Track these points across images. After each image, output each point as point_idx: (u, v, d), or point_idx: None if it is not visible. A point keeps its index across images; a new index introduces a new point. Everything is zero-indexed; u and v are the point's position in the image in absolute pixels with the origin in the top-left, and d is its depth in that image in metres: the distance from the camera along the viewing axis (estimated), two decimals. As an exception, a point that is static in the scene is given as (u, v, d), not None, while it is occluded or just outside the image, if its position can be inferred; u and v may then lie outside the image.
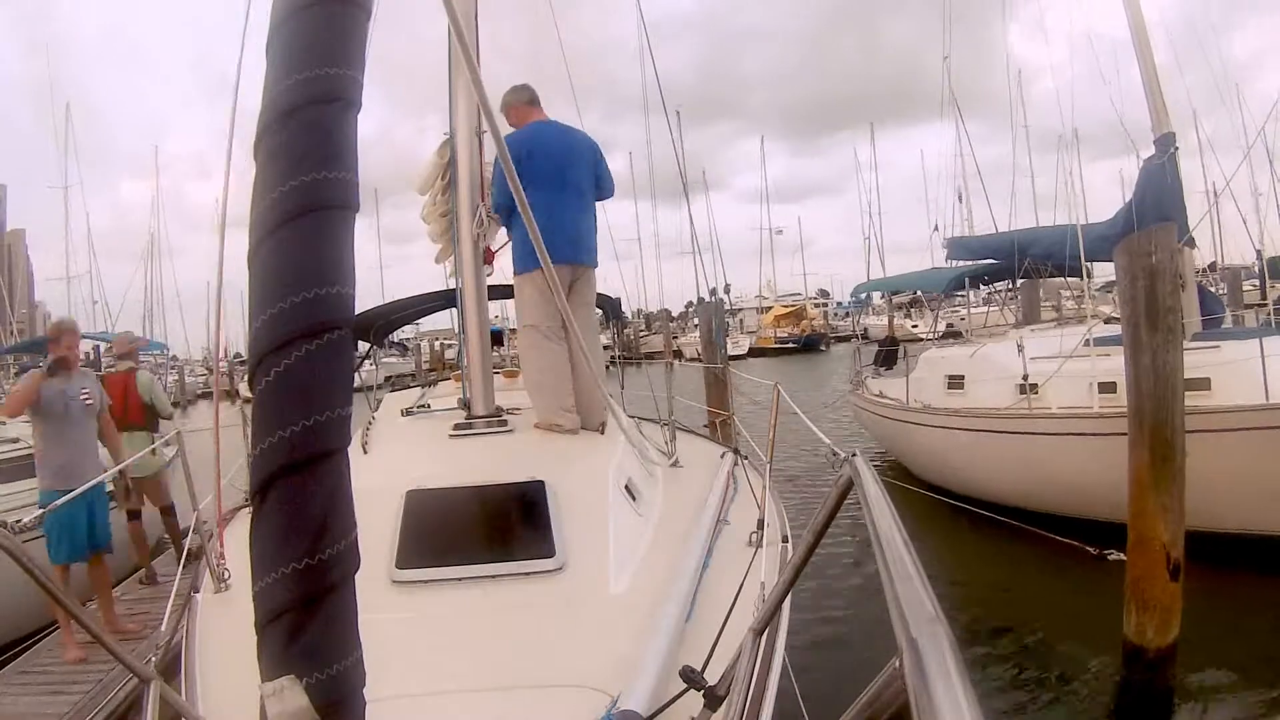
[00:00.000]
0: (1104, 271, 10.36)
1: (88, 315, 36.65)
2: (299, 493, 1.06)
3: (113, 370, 7.16)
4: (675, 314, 64.23)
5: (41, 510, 4.39)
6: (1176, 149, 8.29)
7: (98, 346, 22.91)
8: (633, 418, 4.99)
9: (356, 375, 5.32)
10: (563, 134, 4.24)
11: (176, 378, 32.21)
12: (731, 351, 37.59)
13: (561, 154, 4.13)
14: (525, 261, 4.10)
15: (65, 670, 4.76)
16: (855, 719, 1.09)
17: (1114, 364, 6.75)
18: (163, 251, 42.27)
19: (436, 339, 36.35)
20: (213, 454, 3.24)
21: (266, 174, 1.13)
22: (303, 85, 1.13)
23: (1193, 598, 4.75)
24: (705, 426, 9.90)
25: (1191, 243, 8.52)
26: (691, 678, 1.81)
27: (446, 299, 6.25)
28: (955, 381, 9.72)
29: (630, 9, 5.77)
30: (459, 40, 2.70)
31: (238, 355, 27.78)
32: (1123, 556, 4.90)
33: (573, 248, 4.10)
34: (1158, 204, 8.15)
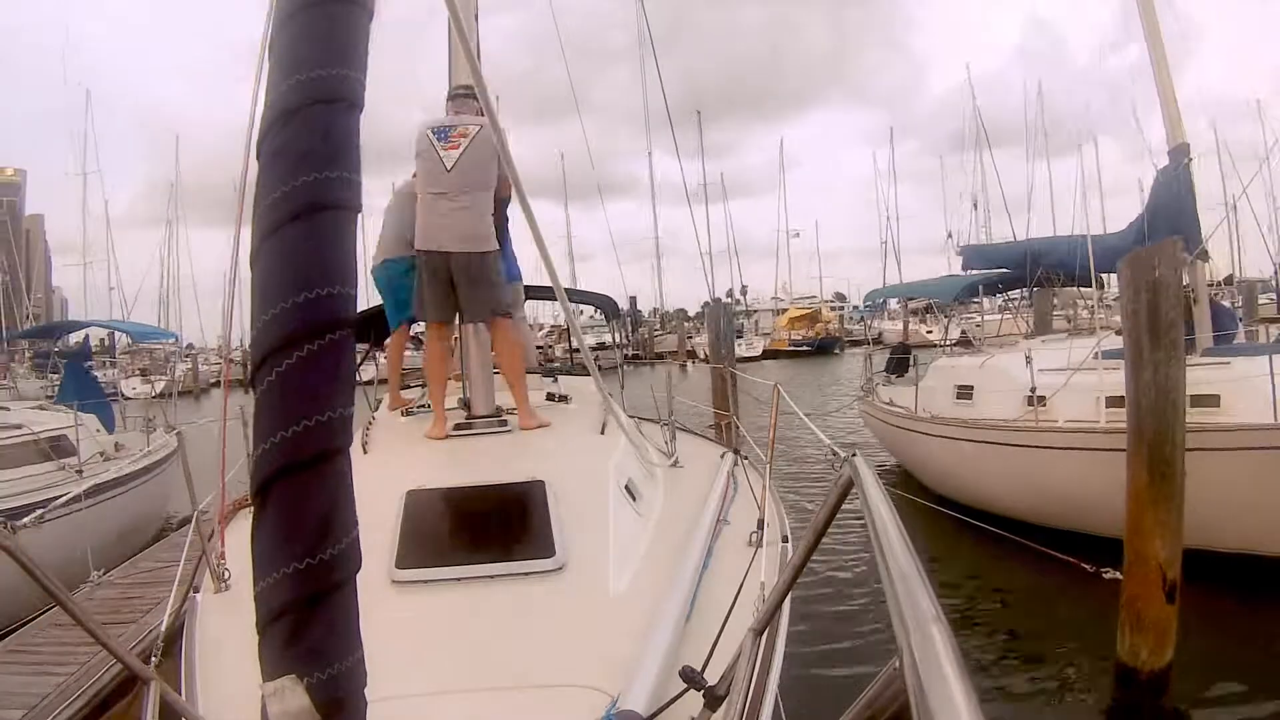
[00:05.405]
0: (1116, 282, 10.24)
1: (104, 301, 37.21)
2: (300, 493, 1.07)
3: None
4: (692, 314, 64.20)
5: None
6: (1190, 160, 8.18)
7: (113, 334, 23.04)
8: (633, 418, 4.98)
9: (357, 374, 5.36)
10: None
11: (189, 366, 32.46)
12: (745, 353, 37.51)
13: None
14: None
15: (55, 650, 4.81)
16: (855, 719, 1.11)
17: (1121, 377, 6.65)
18: (179, 240, 42.29)
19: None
20: (212, 452, 3.25)
21: (268, 174, 1.14)
22: (304, 85, 1.14)
23: (1190, 618, 4.66)
24: (710, 428, 9.89)
25: (1205, 256, 8.40)
26: (691, 678, 1.81)
27: None
28: (964, 391, 9.64)
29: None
30: (459, 39, 2.69)
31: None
32: (1119, 575, 4.82)
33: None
34: (1170, 216, 8.07)
